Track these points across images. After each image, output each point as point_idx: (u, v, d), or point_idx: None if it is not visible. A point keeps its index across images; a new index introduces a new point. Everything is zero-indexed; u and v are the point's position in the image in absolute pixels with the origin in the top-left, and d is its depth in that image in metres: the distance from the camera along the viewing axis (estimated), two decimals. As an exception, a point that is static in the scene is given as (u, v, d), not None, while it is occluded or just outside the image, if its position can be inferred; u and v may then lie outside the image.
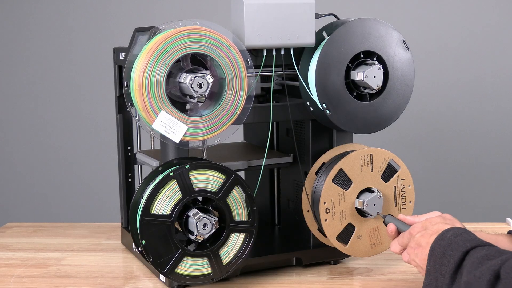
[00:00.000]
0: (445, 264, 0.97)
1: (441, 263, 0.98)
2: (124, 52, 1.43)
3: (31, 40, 2.51)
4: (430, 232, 1.06)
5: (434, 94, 2.38)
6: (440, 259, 0.98)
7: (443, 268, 0.97)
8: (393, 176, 1.34)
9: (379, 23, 1.32)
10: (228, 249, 1.26)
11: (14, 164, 2.57)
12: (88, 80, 2.50)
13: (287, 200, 1.49)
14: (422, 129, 2.41)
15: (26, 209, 2.57)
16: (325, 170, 1.33)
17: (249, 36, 1.27)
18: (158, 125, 1.19)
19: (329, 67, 1.29)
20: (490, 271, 0.89)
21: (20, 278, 1.38)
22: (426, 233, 1.07)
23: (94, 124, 2.51)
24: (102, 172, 2.51)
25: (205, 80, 1.19)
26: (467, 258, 0.95)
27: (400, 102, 1.35)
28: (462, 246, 0.97)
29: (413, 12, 2.36)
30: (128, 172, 1.54)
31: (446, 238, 1.00)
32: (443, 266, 0.97)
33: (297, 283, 1.33)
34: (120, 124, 1.52)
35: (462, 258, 0.96)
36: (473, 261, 0.93)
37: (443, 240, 1.01)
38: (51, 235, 1.68)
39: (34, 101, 2.53)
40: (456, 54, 2.37)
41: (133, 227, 1.23)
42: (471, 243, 0.97)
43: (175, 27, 1.20)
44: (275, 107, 1.33)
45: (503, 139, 2.38)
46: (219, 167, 1.24)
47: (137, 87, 1.18)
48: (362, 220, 1.33)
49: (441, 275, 0.97)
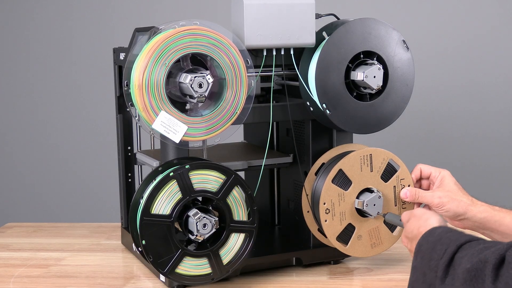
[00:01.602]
0: (434, 258, 0.96)
1: (430, 257, 0.97)
2: (124, 52, 1.43)
3: (31, 40, 2.51)
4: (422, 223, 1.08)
5: (434, 94, 2.38)
6: (429, 254, 0.97)
7: (433, 262, 0.96)
8: (392, 176, 1.34)
9: (379, 23, 1.32)
10: (228, 249, 1.26)
11: (14, 164, 2.57)
12: (88, 80, 2.50)
13: (287, 200, 1.49)
14: (422, 129, 2.41)
15: (26, 209, 2.57)
16: (325, 170, 1.33)
17: (249, 36, 1.27)
18: (158, 125, 1.19)
19: (329, 67, 1.29)
20: (496, 254, 0.88)
21: (20, 278, 1.38)
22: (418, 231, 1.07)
23: (94, 124, 2.51)
24: (102, 172, 2.51)
25: (205, 80, 1.19)
26: (462, 251, 0.93)
27: (400, 102, 1.35)
28: (455, 240, 0.96)
29: (413, 12, 2.36)
30: (128, 172, 1.54)
31: (436, 234, 1.00)
32: (433, 260, 0.96)
33: (297, 283, 1.33)
34: (120, 124, 1.52)
35: (455, 251, 0.94)
36: (472, 252, 0.92)
37: (431, 236, 1.00)
38: (51, 235, 1.68)
39: (34, 101, 2.53)
40: (456, 54, 2.37)
41: (133, 227, 1.23)
42: (466, 238, 0.96)
43: (175, 27, 1.20)
44: (275, 107, 1.33)
45: (503, 139, 2.38)
46: (219, 167, 1.24)
47: (137, 87, 1.18)
48: (362, 220, 1.33)
49: (430, 270, 0.96)
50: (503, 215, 1.21)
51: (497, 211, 1.22)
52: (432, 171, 1.31)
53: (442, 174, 1.29)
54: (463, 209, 1.24)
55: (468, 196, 1.26)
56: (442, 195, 1.26)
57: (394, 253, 1.46)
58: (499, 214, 1.21)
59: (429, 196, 1.27)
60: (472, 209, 1.23)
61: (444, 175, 1.29)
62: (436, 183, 1.30)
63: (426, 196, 1.28)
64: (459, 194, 1.26)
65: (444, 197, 1.25)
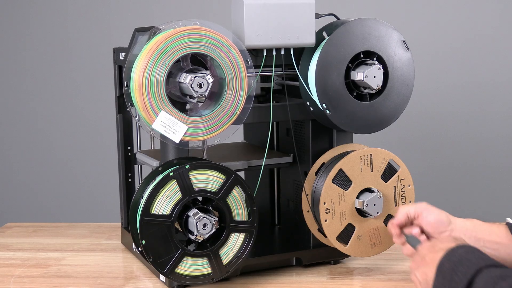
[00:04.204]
0: (455, 281, 0.93)
1: (451, 279, 0.94)
2: (124, 52, 1.43)
3: (31, 40, 2.51)
4: (437, 248, 1.03)
5: (434, 94, 2.38)
6: (450, 275, 0.94)
7: (453, 284, 0.93)
8: (393, 176, 1.34)
9: (379, 23, 1.32)
10: (228, 249, 1.26)
11: (14, 164, 2.57)
12: (88, 80, 2.50)
13: (287, 200, 1.49)
14: (422, 129, 2.41)
15: (26, 209, 2.57)
16: (325, 170, 1.33)
17: (249, 36, 1.27)
18: (158, 125, 1.19)
19: (329, 67, 1.29)
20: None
21: (20, 278, 1.38)
22: (433, 249, 1.03)
23: (94, 124, 2.51)
24: (102, 172, 2.51)
25: (205, 80, 1.19)
26: (480, 275, 0.91)
27: (400, 102, 1.35)
28: (475, 264, 0.93)
29: (413, 12, 2.36)
30: (128, 172, 1.54)
31: (457, 254, 0.97)
32: (453, 282, 0.93)
33: (297, 283, 1.33)
34: (120, 124, 1.52)
35: (474, 275, 0.92)
36: (487, 280, 0.89)
37: (453, 256, 0.97)
38: (51, 235, 1.68)
39: (34, 101, 2.53)
40: (456, 54, 2.37)
41: (133, 227, 1.23)
42: (485, 262, 0.94)
43: (175, 27, 1.20)
44: (275, 107, 1.33)
45: (503, 139, 2.38)
46: (219, 167, 1.24)
47: (137, 87, 1.18)
48: (362, 220, 1.33)
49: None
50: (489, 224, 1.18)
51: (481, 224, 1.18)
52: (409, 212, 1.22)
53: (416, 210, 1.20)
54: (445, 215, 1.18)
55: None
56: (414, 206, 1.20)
57: (394, 253, 1.46)
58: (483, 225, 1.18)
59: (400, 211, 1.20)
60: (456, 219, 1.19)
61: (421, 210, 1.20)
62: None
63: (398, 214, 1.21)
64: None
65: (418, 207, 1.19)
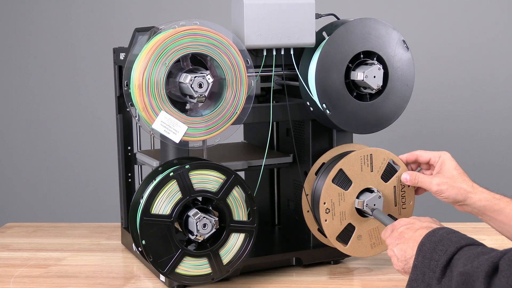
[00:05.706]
0: (435, 259, 0.96)
1: (431, 257, 0.97)
2: (124, 52, 1.43)
3: (31, 40, 2.51)
4: (417, 227, 1.07)
5: (434, 94, 2.38)
6: (430, 254, 0.97)
7: (433, 262, 0.96)
8: (393, 176, 1.34)
9: (379, 23, 1.32)
10: (228, 249, 1.26)
11: (14, 164, 2.57)
12: (88, 80, 2.50)
13: (287, 200, 1.49)
14: (422, 129, 2.41)
15: (26, 209, 2.57)
16: (325, 170, 1.33)
17: (249, 36, 1.27)
18: (158, 125, 1.19)
19: (329, 67, 1.29)
20: (489, 262, 0.88)
21: (20, 278, 1.38)
22: (412, 227, 1.08)
23: (94, 124, 2.51)
24: (102, 172, 2.51)
25: (205, 80, 1.19)
26: (460, 253, 0.94)
27: (400, 102, 1.35)
28: (456, 242, 0.96)
29: (413, 12, 2.36)
30: (128, 172, 1.54)
31: (438, 235, 1.00)
32: (433, 260, 0.96)
33: (297, 283, 1.33)
34: (120, 124, 1.52)
35: (454, 253, 0.94)
36: (468, 255, 0.92)
37: (434, 236, 1.00)
38: (51, 235, 1.68)
39: (34, 101, 2.53)
40: (456, 54, 2.37)
41: (133, 227, 1.23)
42: (466, 241, 0.97)
43: (175, 27, 1.20)
44: (275, 107, 1.33)
45: (503, 139, 2.38)
46: (219, 167, 1.24)
47: (137, 87, 1.18)
48: (362, 220, 1.33)
49: (430, 270, 0.96)
50: (503, 205, 1.19)
51: (497, 199, 1.20)
52: (431, 157, 1.29)
53: (442, 159, 1.27)
54: (463, 197, 1.22)
55: (469, 181, 1.24)
56: (440, 182, 1.24)
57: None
58: (499, 204, 1.20)
59: (428, 182, 1.26)
60: (472, 196, 1.22)
61: (444, 160, 1.27)
62: (436, 168, 1.28)
63: (425, 181, 1.27)
64: (459, 180, 1.24)
65: (443, 184, 1.24)
